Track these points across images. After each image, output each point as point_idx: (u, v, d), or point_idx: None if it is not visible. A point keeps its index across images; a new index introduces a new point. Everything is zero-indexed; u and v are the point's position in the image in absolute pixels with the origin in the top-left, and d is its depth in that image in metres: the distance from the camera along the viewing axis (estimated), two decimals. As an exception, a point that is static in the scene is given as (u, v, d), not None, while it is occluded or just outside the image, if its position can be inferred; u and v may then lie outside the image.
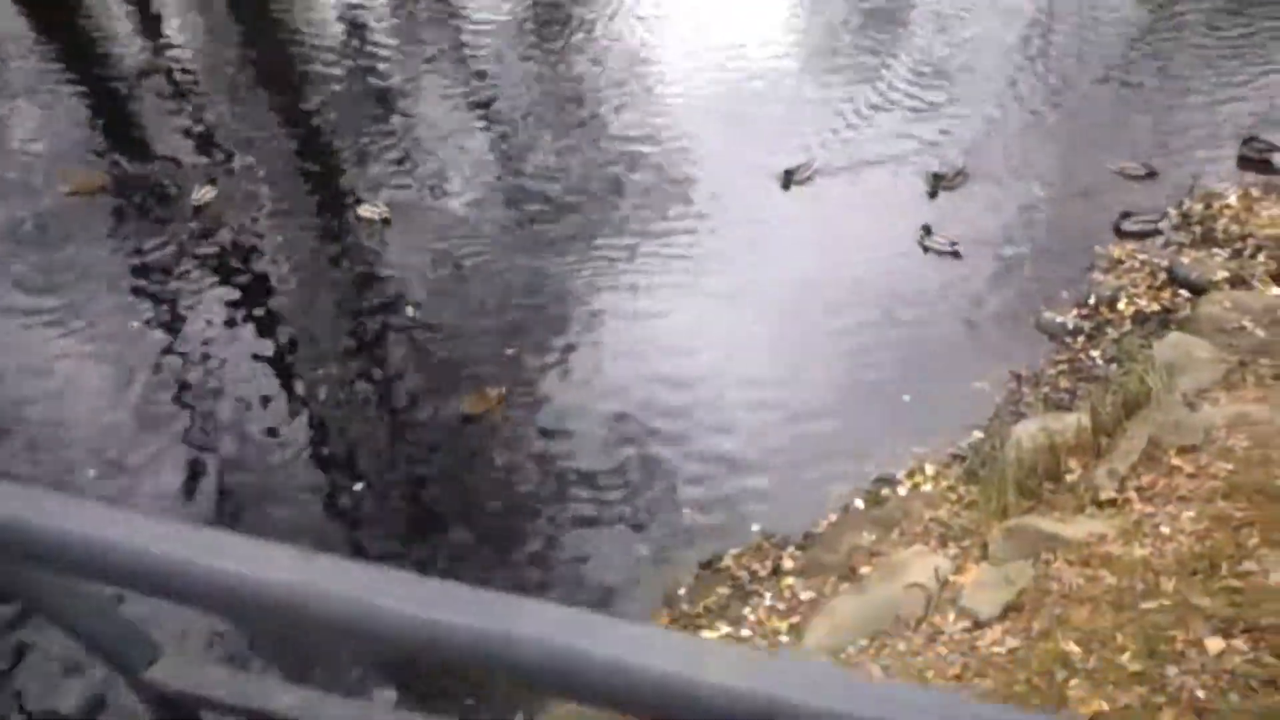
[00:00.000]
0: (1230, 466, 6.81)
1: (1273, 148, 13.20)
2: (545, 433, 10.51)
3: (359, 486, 9.96)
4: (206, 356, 11.64)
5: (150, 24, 19.29)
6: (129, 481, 10.09)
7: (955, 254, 12.10)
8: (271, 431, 10.69)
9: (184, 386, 11.24)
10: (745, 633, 7.81)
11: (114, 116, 16.57)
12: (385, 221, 13.58)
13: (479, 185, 14.65)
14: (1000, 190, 13.15)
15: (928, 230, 12.32)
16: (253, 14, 19.54)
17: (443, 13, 19.43)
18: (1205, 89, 14.94)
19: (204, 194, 14.18)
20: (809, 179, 13.46)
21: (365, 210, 13.74)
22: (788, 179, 13.48)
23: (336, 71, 17.71)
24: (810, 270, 12.07)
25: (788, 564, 8.52)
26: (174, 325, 12.12)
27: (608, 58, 17.49)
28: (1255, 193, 12.40)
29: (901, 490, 9.05)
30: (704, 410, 10.50)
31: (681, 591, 8.63)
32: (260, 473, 10.26)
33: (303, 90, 17.32)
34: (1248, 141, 13.38)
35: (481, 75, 17.46)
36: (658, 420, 10.46)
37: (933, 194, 13.10)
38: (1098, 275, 11.56)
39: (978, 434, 9.65)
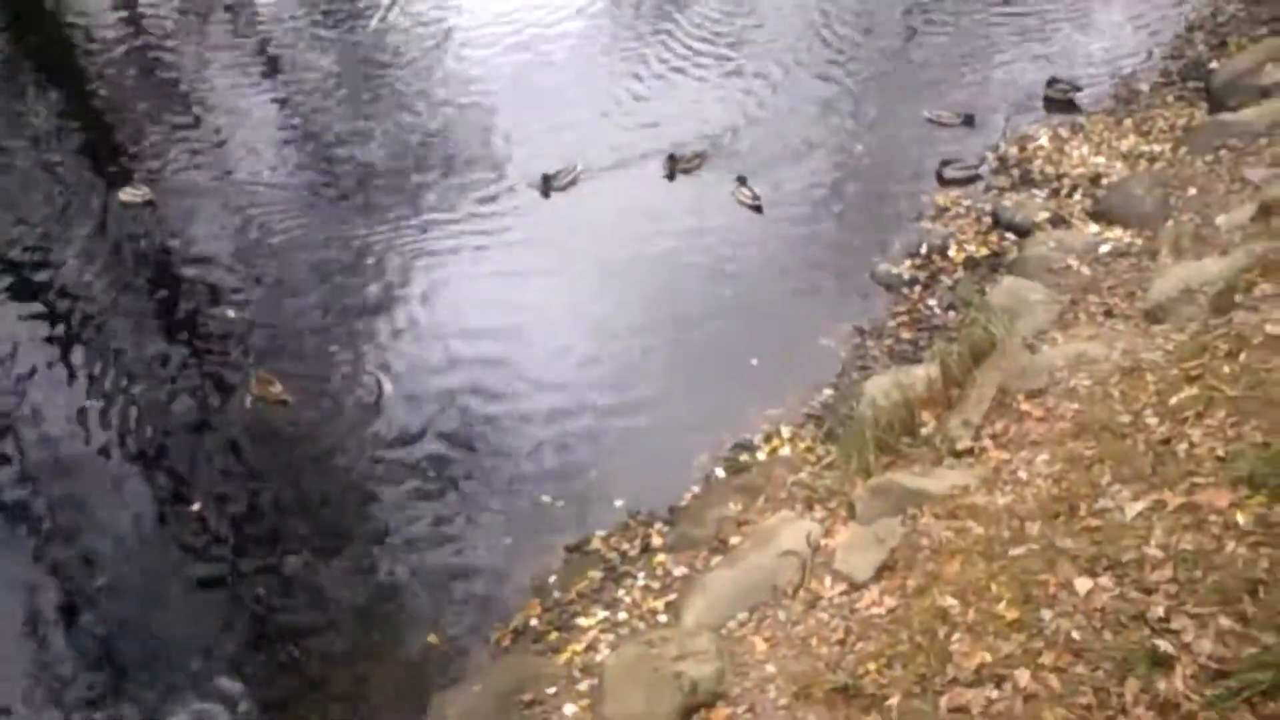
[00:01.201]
0: (1076, 406, 7.03)
1: (1074, 88, 13.77)
2: (387, 425, 10.17)
3: (196, 506, 9.41)
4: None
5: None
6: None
7: (758, 208, 12.39)
8: (89, 453, 10.02)
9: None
10: (622, 615, 7.69)
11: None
12: (149, 204, 13.34)
13: (277, 164, 14.32)
14: (821, 149, 13.34)
15: (742, 181, 12.60)
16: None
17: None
18: (1005, 35, 15.47)
19: None
20: (571, 183, 12.95)
21: (126, 194, 13.44)
22: (546, 185, 12.92)
23: (117, 57, 16.86)
24: (633, 246, 12.03)
25: (657, 541, 8.44)
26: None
27: (407, 31, 17.15)
28: (1064, 133, 12.90)
29: (760, 455, 9.06)
30: (548, 392, 10.33)
31: (552, 579, 8.46)
32: (85, 502, 9.58)
33: (83, 78, 16.47)
34: (1051, 83, 13.91)
35: (275, 53, 16.88)
36: (500, 404, 10.26)
37: (670, 176, 12.95)
38: (926, 224, 11.85)
39: (829, 391, 9.76)
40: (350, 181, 13.72)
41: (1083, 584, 5.45)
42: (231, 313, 11.62)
